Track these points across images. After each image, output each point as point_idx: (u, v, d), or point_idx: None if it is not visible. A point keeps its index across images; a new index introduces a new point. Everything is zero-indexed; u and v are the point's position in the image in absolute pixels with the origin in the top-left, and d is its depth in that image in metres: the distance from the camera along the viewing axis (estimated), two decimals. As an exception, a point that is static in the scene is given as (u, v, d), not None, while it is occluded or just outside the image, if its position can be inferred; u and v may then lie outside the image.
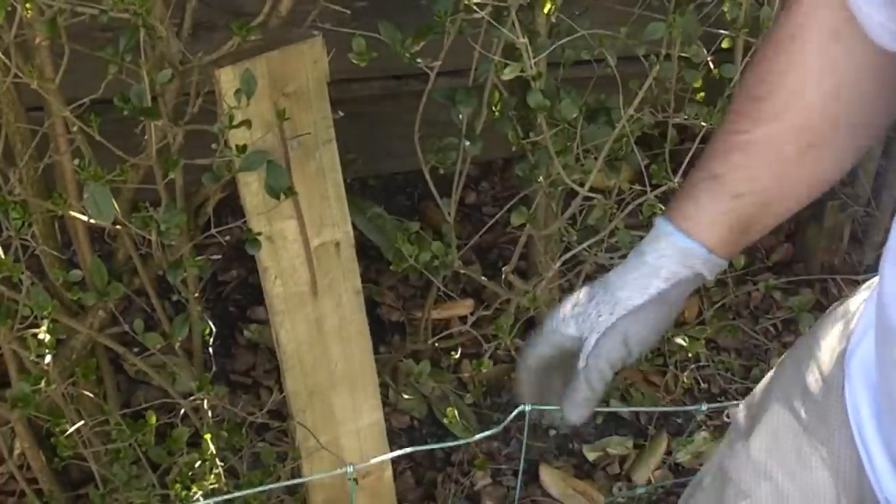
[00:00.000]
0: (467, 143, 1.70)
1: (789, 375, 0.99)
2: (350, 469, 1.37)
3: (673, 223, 0.95)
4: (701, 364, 2.33)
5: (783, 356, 1.05)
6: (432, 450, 2.07)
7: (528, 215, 1.76)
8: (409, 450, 1.40)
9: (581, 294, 0.98)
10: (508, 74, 1.59)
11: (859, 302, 0.95)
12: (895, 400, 0.81)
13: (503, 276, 1.96)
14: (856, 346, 0.91)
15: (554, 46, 1.64)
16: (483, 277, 2.02)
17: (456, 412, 1.92)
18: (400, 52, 1.47)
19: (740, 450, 0.99)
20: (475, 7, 1.50)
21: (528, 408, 1.07)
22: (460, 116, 1.67)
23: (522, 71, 1.58)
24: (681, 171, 1.77)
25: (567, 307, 0.99)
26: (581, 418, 0.98)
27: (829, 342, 0.95)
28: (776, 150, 0.91)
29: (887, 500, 0.86)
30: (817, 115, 0.89)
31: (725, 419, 1.10)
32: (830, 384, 0.92)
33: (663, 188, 1.79)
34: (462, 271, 1.86)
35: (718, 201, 0.93)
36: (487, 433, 1.35)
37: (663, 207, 2.01)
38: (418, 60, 1.51)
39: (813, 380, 0.94)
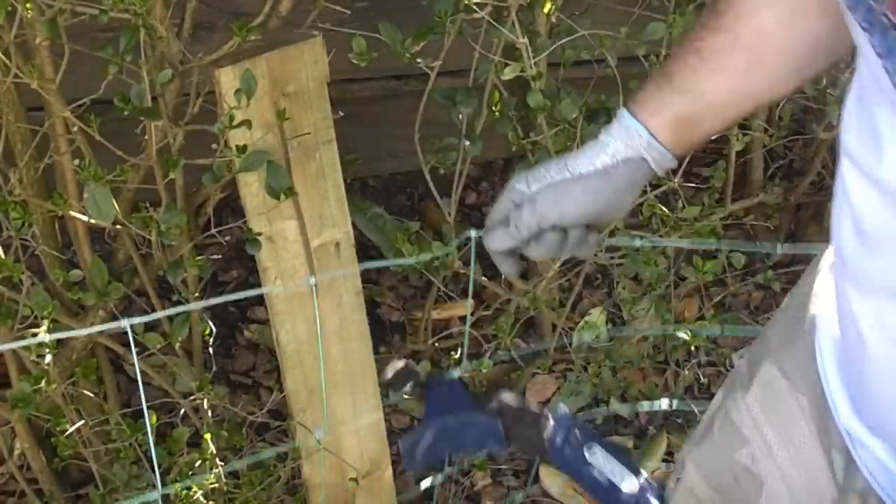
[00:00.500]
0: (467, 142, 1.70)
1: (779, 330, 1.09)
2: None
3: (627, 107, 1.03)
4: (700, 362, 2.33)
5: (777, 310, 1.15)
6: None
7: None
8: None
9: (541, 163, 1.08)
10: (508, 74, 1.60)
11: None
12: (851, 350, 0.89)
13: (503, 276, 1.96)
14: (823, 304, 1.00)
15: (554, 46, 1.64)
16: (483, 277, 2.02)
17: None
18: (400, 52, 1.47)
19: (741, 400, 1.10)
20: (475, 7, 1.50)
21: (474, 233, 1.14)
22: (460, 116, 1.68)
23: (523, 71, 1.58)
24: (680, 172, 1.77)
25: (525, 170, 1.08)
26: (494, 247, 1.07)
27: (806, 298, 1.05)
28: (724, 60, 0.99)
29: (848, 433, 0.95)
30: (766, 37, 0.98)
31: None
32: (808, 339, 1.01)
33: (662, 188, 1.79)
34: (461, 271, 1.86)
35: (666, 93, 1.01)
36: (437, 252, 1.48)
37: (664, 208, 2.02)
38: (418, 61, 1.51)
39: (796, 335, 1.04)
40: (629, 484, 0.84)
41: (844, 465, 0.98)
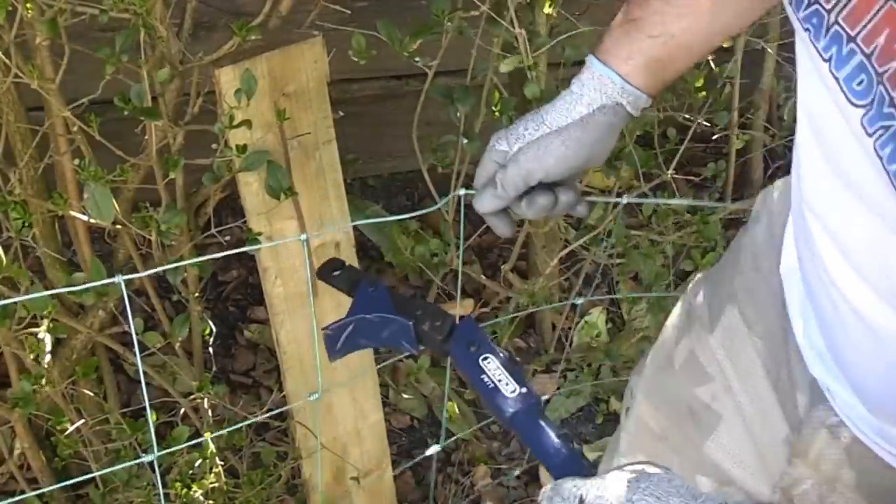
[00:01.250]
0: (465, 140, 1.70)
1: (741, 277, 1.14)
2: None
3: (595, 56, 1.04)
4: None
5: (729, 253, 1.20)
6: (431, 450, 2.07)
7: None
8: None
9: (517, 120, 1.09)
10: (506, 67, 1.59)
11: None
12: (813, 291, 0.95)
13: (502, 275, 1.96)
14: (787, 249, 1.05)
15: (553, 42, 1.64)
16: (483, 277, 2.02)
17: (456, 407, 1.92)
18: (398, 49, 1.47)
19: (705, 340, 1.15)
20: (477, 1, 1.50)
21: (462, 192, 1.16)
22: (458, 115, 1.67)
23: (521, 63, 1.58)
24: (673, 164, 1.77)
25: (502, 130, 1.09)
26: (484, 209, 1.09)
27: (768, 248, 1.10)
28: (689, 1, 1.01)
29: (812, 378, 1.01)
30: None
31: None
32: (772, 290, 1.07)
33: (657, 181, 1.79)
34: (458, 268, 1.86)
35: (636, 39, 1.03)
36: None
37: (667, 203, 2.02)
38: (416, 59, 1.51)
39: (757, 283, 1.10)
40: (510, 390, 0.94)
41: (810, 403, 1.03)
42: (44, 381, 1.37)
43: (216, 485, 1.55)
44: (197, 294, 1.52)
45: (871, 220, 0.79)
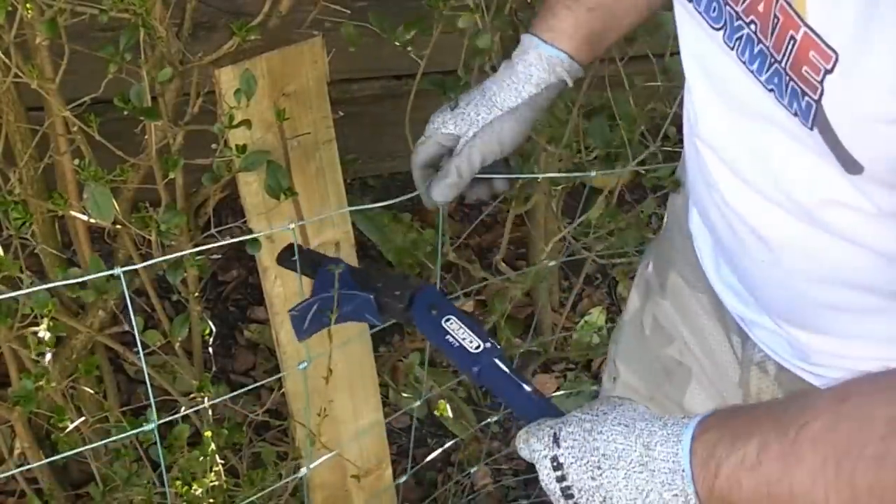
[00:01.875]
0: None
1: (674, 243, 1.25)
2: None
3: (538, 37, 1.10)
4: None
5: (665, 225, 1.32)
6: (432, 449, 2.07)
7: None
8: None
9: (459, 100, 1.13)
10: (463, 22, 1.55)
11: None
12: (713, 223, 1.05)
13: (493, 265, 1.96)
14: (692, 207, 1.15)
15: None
16: (481, 272, 2.02)
17: (448, 406, 1.92)
18: (391, 39, 1.47)
19: (661, 304, 1.27)
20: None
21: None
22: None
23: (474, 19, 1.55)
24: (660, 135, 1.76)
25: (447, 111, 1.14)
26: (444, 198, 1.14)
27: (682, 215, 1.20)
28: None
29: (740, 317, 1.12)
30: None
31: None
32: (693, 247, 1.17)
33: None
34: (455, 261, 1.86)
35: (577, 14, 1.09)
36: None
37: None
38: (409, 49, 1.50)
39: (686, 244, 1.19)
40: (475, 346, 0.97)
41: (742, 344, 1.13)
42: (44, 380, 1.37)
43: (216, 483, 1.55)
44: (197, 294, 1.52)
45: (753, 127, 0.88)
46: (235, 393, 1.28)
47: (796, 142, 0.82)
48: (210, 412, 1.56)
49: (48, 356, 1.36)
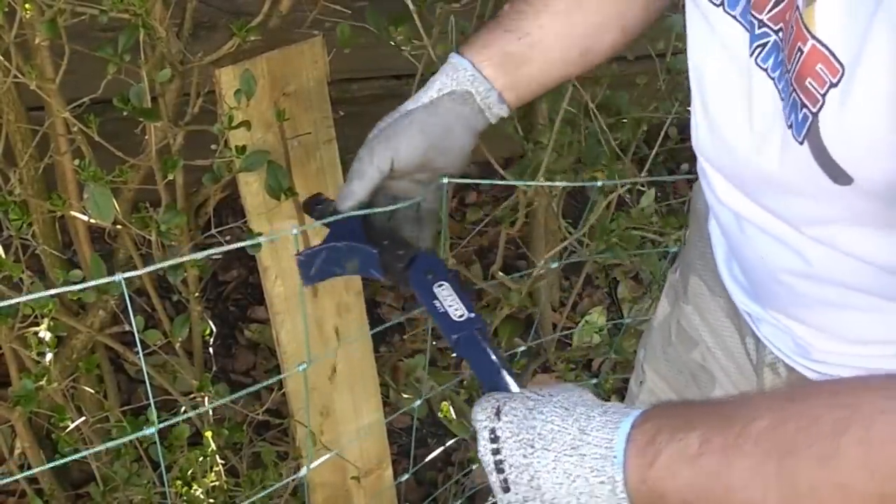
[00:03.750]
0: None
1: (694, 248, 1.26)
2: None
3: (456, 49, 1.10)
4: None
5: (687, 232, 1.34)
6: (433, 449, 2.07)
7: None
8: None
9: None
10: None
11: None
12: (718, 218, 1.07)
13: (490, 275, 1.96)
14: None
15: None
16: (480, 281, 2.02)
17: (451, 407, 1.92)
18: (384, 36, 1.47)
19: (684, 309, 1.27)
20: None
21: (445, 180, 1.18)
22: None
23: None
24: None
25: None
26: (345, 208, 1.09)
27: (701, 220, 1.22)
28: (547, 2, 1.08)
29: (749, 315, 1.12)
30: None
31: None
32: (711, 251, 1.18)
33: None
34: (454, 267, 1.86)
35: (493, 33, 1.09)
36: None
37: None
38: (403, 48, 1.51)
39: (705, 249, 1.20)
40: (458, 314, 1.00)
41: (755, 346, 1.13)
42: (45, 380, 1.37)
43: (216, 483, 1.55)
44: (197, 294, 1.52)
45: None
46: (236, 395, 1.27)
47: (786, 152, 0.83)
48: (210, 412, 1.56)
49: (49, 356, 1.36)
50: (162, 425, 1.26)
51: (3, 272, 1.30)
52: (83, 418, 1.54)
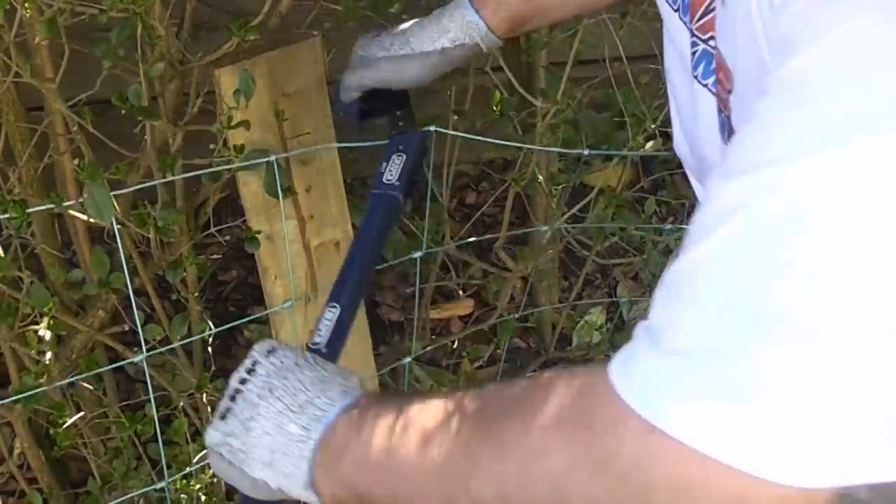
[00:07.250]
0: (455, 117, 1.72)
1: None
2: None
3: (472, 2, 1.18)
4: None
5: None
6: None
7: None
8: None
9: (386, 31, 1.22)
10: None
11: None
12: None
13: (493, 252, 1.96)
14: None
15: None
16: (480, 264, 2.02)
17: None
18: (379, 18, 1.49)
19: None
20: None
21: (433, 128, 1.32)
22: (448, 93, 1.69)
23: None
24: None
25: (367, 37, 1.22)
26: (346, 99, 1.22)
27: None
28: None
29: None
30: None
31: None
32: None
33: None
34: (455, 254, 1.86)
35: None
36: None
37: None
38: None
39: None
40: (386, 179, 1.12)
41: None
42: (44, 378, 1.37)
43: (215, 479, 1.55)
44: (196, 294, 1.52)
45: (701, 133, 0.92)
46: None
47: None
48: (209, 410, 1.56)
49: (48, 355, 1.36)
50: (163, 484, 1.26)
51: (1, 272, 1.30)
52: (80, 413, 1.54)
